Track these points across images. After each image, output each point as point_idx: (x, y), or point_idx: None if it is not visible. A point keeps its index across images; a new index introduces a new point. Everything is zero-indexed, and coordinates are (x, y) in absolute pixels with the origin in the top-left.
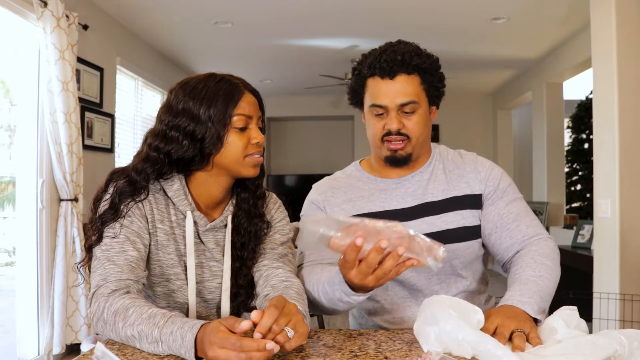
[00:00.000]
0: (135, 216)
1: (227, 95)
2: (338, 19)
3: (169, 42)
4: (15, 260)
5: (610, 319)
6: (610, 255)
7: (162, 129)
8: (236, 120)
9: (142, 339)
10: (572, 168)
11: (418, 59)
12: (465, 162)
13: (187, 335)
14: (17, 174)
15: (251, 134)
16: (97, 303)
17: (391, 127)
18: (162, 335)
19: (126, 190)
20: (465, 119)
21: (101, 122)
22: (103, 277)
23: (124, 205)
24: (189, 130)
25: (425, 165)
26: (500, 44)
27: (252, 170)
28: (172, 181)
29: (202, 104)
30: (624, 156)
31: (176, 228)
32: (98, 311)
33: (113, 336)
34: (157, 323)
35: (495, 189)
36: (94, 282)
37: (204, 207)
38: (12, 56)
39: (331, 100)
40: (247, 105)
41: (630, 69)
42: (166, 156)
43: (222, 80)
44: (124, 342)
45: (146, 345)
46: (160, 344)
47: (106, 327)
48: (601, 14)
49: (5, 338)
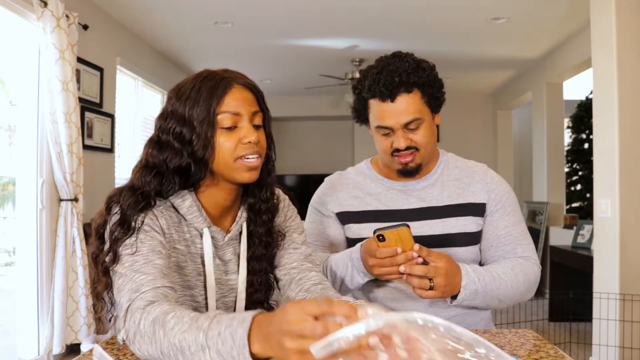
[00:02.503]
0: (152, 230)
1: (210, 92)
2: (338, 19)
3: (169, 42)
4: (15, 260)
5: (610, 319)
6: (610, 255)
7: (156, 135)
8: (221, 119)
9: (185, 350)
10: (572, 168)
11: (415, 76)
12: (475, 172)
13: (237, 332)
14: (17, 174)
15: (241, 133)
16: (132, 318)
17: (399, 145)
18: (208, 340)
19: (133, 202)
20: (465, 119)
21: (101, 122)
22: (135, 290)
23: (135, 220)
24: (177, 133)
25: (431, 172)
26: (500, 44)
27: (247, 174)
28: (182, 197)
29: (186, 103)
30: (624, 156)
31: (191, 246)
32: (134, 325)
33: (153, 351)
34: (201, 326)
35: (499, 202)
36: (124, 299)
37: (214, 218)
38: (12, 56)
39: (331, 100)
40: (234, 101)
41: (630, 69)
42: (165, 165)
43: (208, 77)
44: (167, 358)
45: (190, 357)
46: (208, 351)
47: (144, 340)
48: (601, 14)
49: (5, 338)
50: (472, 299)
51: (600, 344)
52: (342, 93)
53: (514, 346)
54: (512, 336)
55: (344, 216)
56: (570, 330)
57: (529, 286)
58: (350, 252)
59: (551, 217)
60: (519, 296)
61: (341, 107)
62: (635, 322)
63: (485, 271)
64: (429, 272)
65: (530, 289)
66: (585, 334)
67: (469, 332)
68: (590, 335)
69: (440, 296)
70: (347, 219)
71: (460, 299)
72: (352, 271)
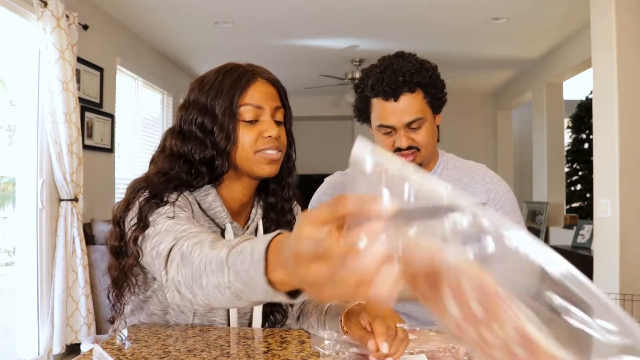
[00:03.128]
0: (183, 209)
1: (233, 83)
2: (338, 19)
3: (169, 42)
4: (15, 260)
5: None
6: (610, 255)
7: (178, 125)
8: (243, 112)
9: (207, 267)
10: (572, 168)
11: (419, 76)
12: (474, 172)
13: (256, 248)
14: (17, 174)
15: (262, 127)
16: (178, 248)
17: (401, 145)
18: (229, 257)
19: (163, 183)
20: (465, 119)
21: (101, 122)
22: (174, 237)
23: (168, 195)
24: (199, 122)
25: (431, 172)
26: (500, 44)
27: (267, 168)
28: (205, 192)
29: (209, 94)
30: (624, 156)
31: None
32: (177, 257)
33: (186, 274)
34: (229, 243)
35: (498, 201)
36: (166, 245)
37: (233, 213)
38: (12, 56)
39: (331, 100)
40: (257, 94)
41: (630, 69)
42: (191, 155)
43: (232, 69)
44: (196, 285)
45: (210, 278)
46: (226, 272)
47: (183, 262)
48: (601, 14)
49: (5, 338)
50: None
51: None
52: (342, 93)
53: None
54: None
55: None
56: None
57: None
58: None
59: (551, 217)
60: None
61: (341, 107)
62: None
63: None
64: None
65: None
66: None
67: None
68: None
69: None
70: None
71: None
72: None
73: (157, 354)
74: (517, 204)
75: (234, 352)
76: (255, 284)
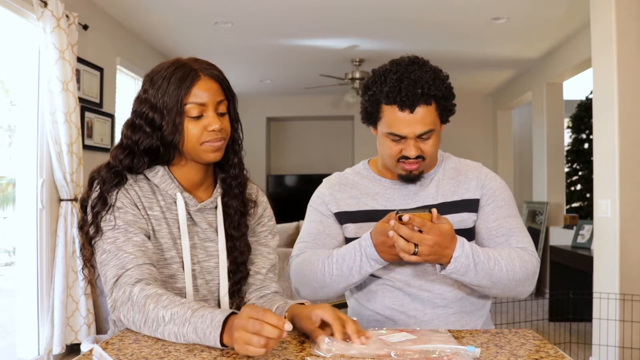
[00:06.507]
0: (127, 206)
1: (178, 83)
2: (338, 19)
3: (169, 42)
4: (15, 260)
5: (610, 319)
6: (610, 255)
7: (131, 118)
8: (189, 109)
9: (170, 322)
10: (572, 168)
11: (435, 88)
12: (469, 169)
13: (217, 317)
14: (17, 174)
15: (207, 121)
16: (122, 289)
17: (409, 154)
18: (192, 317)
19: (108, 178)
20: (465, 119)
21: (101, 122)
22: (121, 267)
23: (110, 195)
24: (150, 118)
25: (430, 172)
26: (500, 44)
27: (212, 155)
28: (155, 170)
29: (157, 92)
30: (624, 156)
31: (167, 212)
32: (124, 295)
33: (138, 319)
34: (191, 306)
35: (490, 196)
36: (110, 273)
37: (186, 189)
38: (12, 56)
39: (331, 100)
40: (201, 92)
41: (630, 69)
42: (136, 146)
43: (178, 67)
44: (147, 327)
45: (170, 327)
46: (187, 326)
47: (133, 308)
48: (601, 14)
49: (5, 338)
50: (463, 273)
51: (600, 344)
52: (342, 93)
53: (514, 346)
54: (512, 336)
55: (342, 216)
56: (570, 330)
57: (526, 275)
58: (359, 241)
59: (551, 217)
60: (515, 284)
61: (341, 107)
62: (635, 322)
63: (482, 250)
64: (413, 238)
65: (527, 279)
66: (585, 334)
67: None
68: (590, 335)
69: (423, 261)
70: (345, 219)
71: (449, 270)
72: (361, 260)
73: (157, 354)
74: (513, 199)
75: (234, 352)
76: (209, 339)
